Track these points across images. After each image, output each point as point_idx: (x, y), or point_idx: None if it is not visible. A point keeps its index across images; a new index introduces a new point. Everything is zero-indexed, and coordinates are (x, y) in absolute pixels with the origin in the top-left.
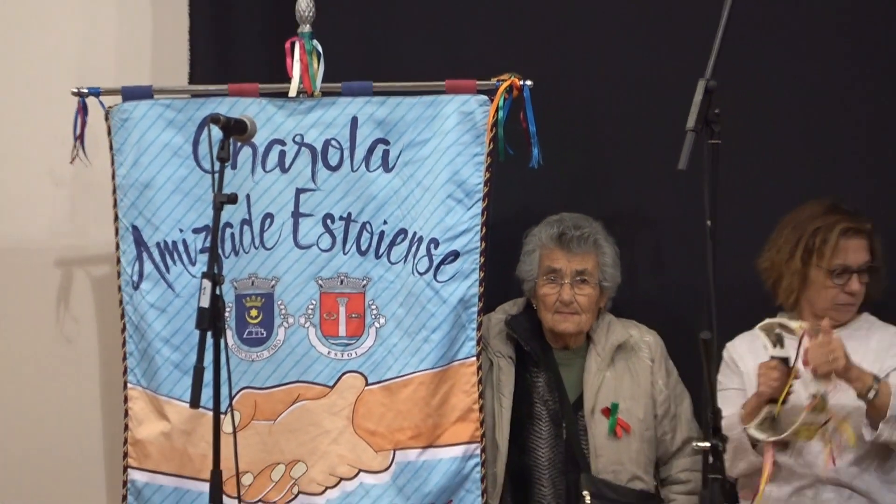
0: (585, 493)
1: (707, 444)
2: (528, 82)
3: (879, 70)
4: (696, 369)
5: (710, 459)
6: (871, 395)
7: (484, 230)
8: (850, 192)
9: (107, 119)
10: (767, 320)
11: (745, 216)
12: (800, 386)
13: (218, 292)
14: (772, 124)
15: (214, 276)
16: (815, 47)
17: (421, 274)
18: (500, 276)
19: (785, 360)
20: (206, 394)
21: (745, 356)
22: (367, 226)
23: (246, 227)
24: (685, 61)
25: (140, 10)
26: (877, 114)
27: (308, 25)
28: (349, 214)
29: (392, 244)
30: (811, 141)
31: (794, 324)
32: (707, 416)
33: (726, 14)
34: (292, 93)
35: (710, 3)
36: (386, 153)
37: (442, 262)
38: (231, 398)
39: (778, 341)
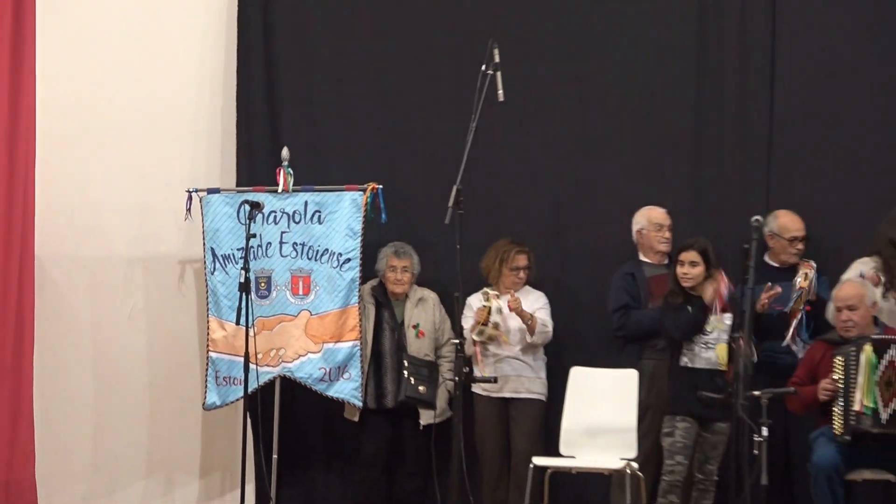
0: (405, 361)
1: (457, 341)
2: (380, 186)
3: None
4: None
5: (458, 348)
6: (528, 322)
7: (361, 249)
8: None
9: (200, 202)
10: (485, 288)
11: (473, 241)
12: (495, 316)
13: (243, 279)
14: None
15: (246, 269)
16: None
17: (334, 268)
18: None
19: (489, 308)
20: (241, 320)
21: (474, 302)
22: (312, 248)
23: (259, 248)
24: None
25: (212, 142)
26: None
27: (287, 161)
28: (304, 243)
29: (322, 254)
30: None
31: (492, 291)
32: (457, 329)
33: (469, 143)
34: (279, 190)
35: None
36: (320, 215)
37: (344, 263)
38: (248, 322)
39: (486, 298)
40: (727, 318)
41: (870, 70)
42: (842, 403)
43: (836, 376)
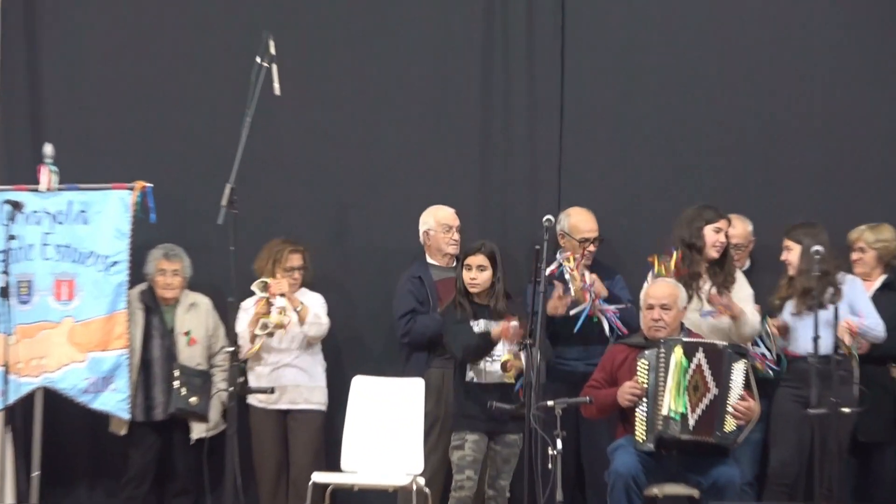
0: (176, 370)
1: (231, 349)
2: (151, 185)
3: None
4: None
5: (232, 355)
6: (298, 308)
7: (129, 252)
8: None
9: None
10: (258, 280)
11: (249, 242)
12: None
13: (3, 283)
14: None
15: (5, 273)
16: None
17: (100, 271)
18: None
19: (267, 299)
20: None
21: (250, 307)
22: (76, 250)
23: (20, 250)
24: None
25: None
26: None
27: (50, 157)
28: (68, 245)
29: (88, 257)
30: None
31: (268, 280)
32: (231, 335)
33: (242, 143)
34: (42, 189)
35: None
36: (85, 215)
37: (110, 266)
38: (8, 329)
39: (263, 289)
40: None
41: (662, 64)
42: (645, 409)
43: (641, 380)
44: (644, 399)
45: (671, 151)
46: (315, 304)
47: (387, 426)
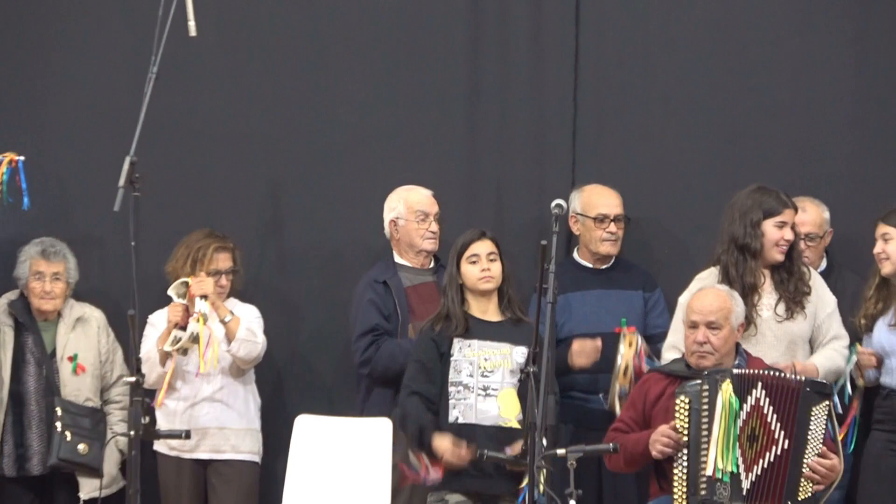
0: (58, 409)
1: (133, 379)
2: (22, 158)
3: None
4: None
5: (135, 387)
6: (226, 319)
7: None
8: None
9: None
10: (178, 281)
11: (157, 237)
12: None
13: None
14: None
15: None
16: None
17: None
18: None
19: (186, 308)
20: None
21: (159, 323)
22: None
23: None
24: None
25: None
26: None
27: None
28: None
29: None
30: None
31: (192, 280)
32: (133, 361)
33: (144, 110)
34: None
35: None
36: None
37: None
38: None
39: (181, 295)
40: (520, 353)
41: None
42: (686, 464)
43: (679, 424)
44: (685, 450)
45: (720, 113)
46: (248, 318)
47: (341, 482)
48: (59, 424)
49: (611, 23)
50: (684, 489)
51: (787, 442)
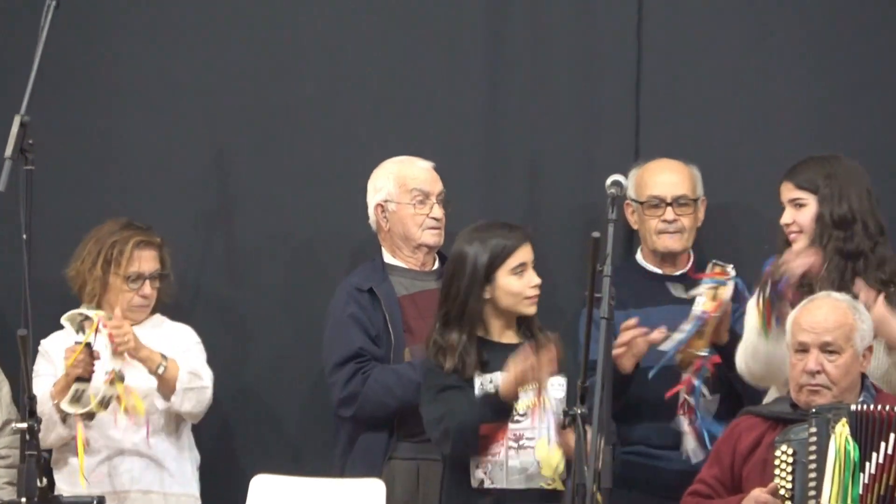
0: None
1: (24, 425)
2: None
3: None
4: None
5: (27, 438)
6: (160, 370)
7: None
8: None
9: None
10: (71, 311)
11: (58, 228)
12: (100, 365)
13: None
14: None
15: None
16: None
17: None
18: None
19: (88, 344)
20: None
21: (58, 348)
22: None
23: None
24: None
25: None
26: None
27: None
28: None
29: None
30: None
31: (91, 312)
32: (24, 400)
33: (39, 52)
34: None
35: None
36: None
37: None
38: None
39: (80, 328)
40: (558, 385)
41: None
42: None
43: (780, 484)
44: None
45: (815, 73)
46: (185, 347)
47: None
48: None
49: None
50: None
51: None
